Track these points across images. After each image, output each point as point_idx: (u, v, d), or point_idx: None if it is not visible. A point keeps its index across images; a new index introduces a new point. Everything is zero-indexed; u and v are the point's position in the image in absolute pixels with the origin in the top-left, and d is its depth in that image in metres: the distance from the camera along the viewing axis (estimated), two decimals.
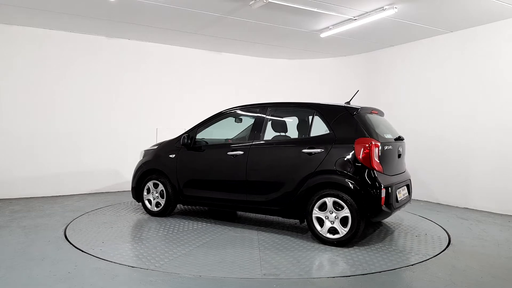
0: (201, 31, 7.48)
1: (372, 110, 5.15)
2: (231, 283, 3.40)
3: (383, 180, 4.46)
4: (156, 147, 6.09)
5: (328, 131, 4.69)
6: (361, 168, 4.40)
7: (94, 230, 5.04)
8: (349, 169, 4.44)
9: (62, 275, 3.47)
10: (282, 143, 5.07)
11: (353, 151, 4.44)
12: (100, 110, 7.99)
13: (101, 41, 7.96)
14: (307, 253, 4.27)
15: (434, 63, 7.52)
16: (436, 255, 4.22)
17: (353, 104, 5.17)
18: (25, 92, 7.29)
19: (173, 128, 8.40)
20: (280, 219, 5.82)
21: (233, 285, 3.37)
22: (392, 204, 4.52)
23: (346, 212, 4.39)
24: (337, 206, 4.45)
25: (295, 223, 5.55)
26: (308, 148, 4.68)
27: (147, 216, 5.90)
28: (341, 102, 6.12)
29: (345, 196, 4.39)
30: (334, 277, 3.57)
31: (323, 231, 4.53)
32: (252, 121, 5.67)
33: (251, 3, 5.68)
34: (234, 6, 5.97)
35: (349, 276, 3.59)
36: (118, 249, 4.27)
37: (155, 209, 5.86)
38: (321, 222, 4.57)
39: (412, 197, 7.52)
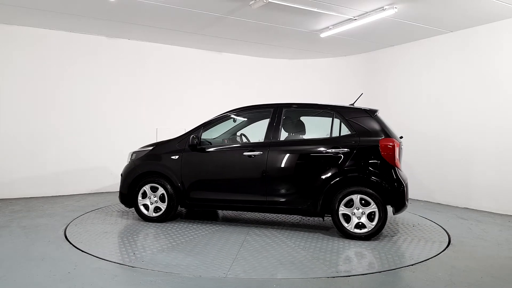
0: (201, 31, 7.48)
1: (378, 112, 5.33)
2: (231, 283, 3.40)
3: (403, 176, 4.86)
4: (150, 148, 5.69)
5: (350, 132, 4.94)
6: (386, 166, 4.73)
7: (95, 230, 5.04)
8: (375, 168, 4.74)
9: (62, 275, 3.47)
10: (304, 143, 5.18)
11: (377, 151, 4.74)
12: (100, 110, 7.99)
13: (101, 41, 7.96)
14: (350, 248, 4.45)
15: (434, 63, 7.52)
16: (436, 255, 4.22)
17: (357, 105, 5.36)
18: (25, 92, 7.30)
19: (173, 128, 8.41)
20: (282, 217, 5.83)
21: (235, 285, 3.37)
22: (408, 199, 4.87)
23: (373, 207, 4.66)
24: (364, 202, 4.70)
25: (299, 220, 5.56)
26: (333, 148, 4.86)
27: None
28: (342, 102, 6.17)
29: (372, 193, 4.65)
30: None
31: (350, 226, 4.74)
32: (257, 120, 5.73)
33: (251, 3, 5.68)
34: (234, 6, 5.97)
35: (349, 276, 3.59)
36: (147, 252, 4.26)
37: (154, 214, 5.46)
38: (347, 218, 4.76)
39: (412, 197, 7.60)
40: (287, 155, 5.04)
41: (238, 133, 5.86)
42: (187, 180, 5.36)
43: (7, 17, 6.75)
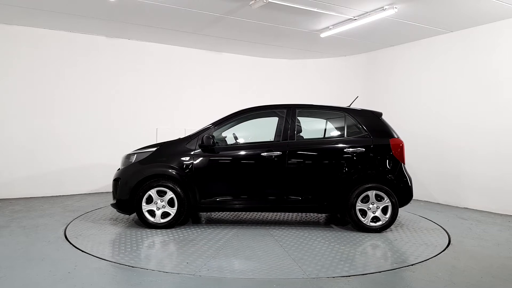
0: (201, 31, 7.48)
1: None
2: (231, 282, 3.40)
3: (408, 172, 5.31)
4: (153, 149, 5.29)
5: (363, 133, 5.28)
6: (396, 164, 5.19)
7: (95, 230, 5.04)
8: (387, 165, 5.17)
9: (62, 275, 3.47)
10: (322, 142, 5.37)
11: (389, 149, 5.19)
12: (100, 110, 7.99)
13: (101, 41, 7.96)
14: (382, 242, 4.77)
15: (434, 63, 7.52)
16: (436, 255, 4.22)
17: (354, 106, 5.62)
18: (25, 92, 7.29)
19: (173, 128, 8.41)
20: (284, 216, 5.84)
21: (233, 285, 3.37)
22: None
23: (386, 202, 5.06)
24: (378, 197, 5.07)
25: (300, 218, 5.57)
26: (350, 148, 5.15)
27: None
28: (341, 103, 6.24)
29: (386, 188, 5.06)
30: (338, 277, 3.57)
31: (366, 221, 5.08)
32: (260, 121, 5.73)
33: (251, 3, 5.68)
34: (234, 6, 5.97)
35: (348, 276, 3.59)
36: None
37: (162, 220, 5.05)
38: (363, 213, 5.08)
39: (413, 197, 7.60)
40: (306, 154, 5.19)
41: (230, 134, 5.66)
42: (201, 182, 5.11)
43: (7, 17, 6.75)
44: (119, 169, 5.51)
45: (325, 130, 5.77)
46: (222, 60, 9.34)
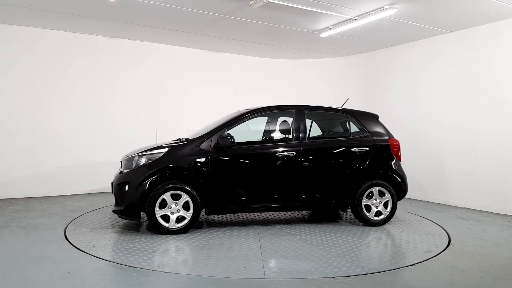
0: (201, 31, 7.48)
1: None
2: (232, 282, 3.40)
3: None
4: (165, 150, 4.97)
5: (365, 133, 5.63)
6: (395, 162, 5.64)
7: (95, 230, 5.04)
8: (387, 163, 5.59)
9: (62, 275, 3.47)
10: (331, 142, 5.62)
11: (388, 148, 5.61)
12: (100, 110, 7.98)
13: (101, 41, 7.96)
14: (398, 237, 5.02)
15: (434, 63, 7.52)
16: (436, 255, 4.22)
17: (345, 107, 5.95)
18: (25, 92, 7.29)
19: (173, 128, 8.41)
20: (285, 215, 5.84)
21: (234, 285, 3.37)
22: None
23: (387, 197, 5.49)
24: (380, 193, 5.48)
25: (302, 215, 5.57)
26: (357, 147, 5.47)
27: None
28: (341, 104, 6.27)
29: (387, 185, 5.49)
30: (335, 277, 3.57)
31: (370, 215, 5.45)
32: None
33: (251, 3, 5.68)
34: (234, 6, 5.97)
35: (349, 276, 3.59)
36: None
37: (177, 225, 4.81)
38: (366, 208, 5.43)
39: (412, 197, 7.61)
40: (319, 153, 5.41)
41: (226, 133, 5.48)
42: (217, 184, 5.00)
43: (7, 17, 6.75)
44: (121, 172, 5.17)
45: (331, 130, 6.03)
46: (222, 60, 9.34)
